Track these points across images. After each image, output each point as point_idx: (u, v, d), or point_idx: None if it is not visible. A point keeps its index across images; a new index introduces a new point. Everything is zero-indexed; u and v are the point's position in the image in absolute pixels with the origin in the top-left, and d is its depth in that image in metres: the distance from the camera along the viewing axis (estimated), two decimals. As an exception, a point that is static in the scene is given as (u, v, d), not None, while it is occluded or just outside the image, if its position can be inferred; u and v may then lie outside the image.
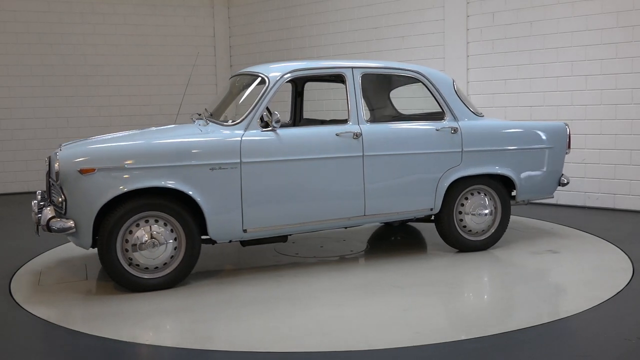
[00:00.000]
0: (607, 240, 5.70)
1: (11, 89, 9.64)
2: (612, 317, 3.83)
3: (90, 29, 10.08)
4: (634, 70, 6.86)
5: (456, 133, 5.21)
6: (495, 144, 5.37)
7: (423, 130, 5.20)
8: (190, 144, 4.51)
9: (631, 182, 7.03)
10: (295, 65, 4.97)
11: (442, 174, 5.19)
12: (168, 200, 4.45)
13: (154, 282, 4.47)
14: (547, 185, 5.65)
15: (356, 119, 4.97)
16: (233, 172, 4.54)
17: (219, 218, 4.54)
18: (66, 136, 9.90)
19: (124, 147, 4.45)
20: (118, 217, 4.33)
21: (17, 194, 9.57)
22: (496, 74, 7.85)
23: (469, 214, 5.35)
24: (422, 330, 3.65)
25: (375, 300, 4.22)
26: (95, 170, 4.29)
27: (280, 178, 4.69)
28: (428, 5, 8.37)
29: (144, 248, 4.40)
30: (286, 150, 4.69)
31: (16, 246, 6.13)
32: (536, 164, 5.54)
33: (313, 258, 5.36)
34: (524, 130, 5.55)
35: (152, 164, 4.37)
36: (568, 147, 5.70)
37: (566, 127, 5.71)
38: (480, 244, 5.41)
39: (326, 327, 3.73)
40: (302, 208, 4.79)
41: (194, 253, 4.54)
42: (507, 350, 3.36)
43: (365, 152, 4.94)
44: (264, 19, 10.40)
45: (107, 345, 3.57)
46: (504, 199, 5.43)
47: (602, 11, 7.00)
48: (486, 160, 5.33)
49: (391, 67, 5.34)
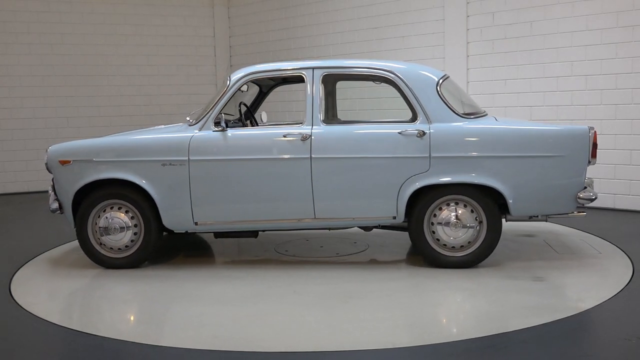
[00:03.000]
0: (607, 240, 5.70)
1: (11, 89, 9.64)
2: (612, 317, 3.83)
3: (90, 29, 10.08)
4: (634, 70, 6.86)
5: (423, 137, 4.77)
6: (471, 150, 4.75)
7: (382, 134, 4.86)
8: (145, 142, 5.04)
9: (631, 182, 7.03)
10: (255, 67, 5.11)
11: (405, 181, 4.78)
12: (129, 191, 5.02)
13: (118, 262, 5.11)
14: (557, 200, 4.80)
15: (310, 121, 4.89)
16: (182, 168, 4.93)
17: (170, 209, 5.00)
18: (66, 136, 9.90)
19: (93, 144, 5.17)
20: (89, 202, 5.08)
21: (17, 194, 9.58)
22: (496, 74, 7.85)
23: (442, 226, 4.84)
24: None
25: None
26: (71, 162, 5.07)
27: (226, 176, 4.92)
28: (428, 5, 8.37)
29: (110, 232, 5.05)
30: (231, 150, 4.92)
31: (16, 246, 6.14)
32: (538, 174, 4.75)
33: (293, 257, 5.37)
34: (519, 136, 4.79)
35: (113, 159, 5.02)
36: (592, 156, 4.76)
37: (589, 132, 4.73)
38: (459, 260, 4.86)
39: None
40: (250, 206, 4.95)
41: (150, 239, 5.05)
42: (507, 350, 3.36)
43: (314, 155, 4.82)
44: (264, 19, 10.40)
45: (107, 345, 3.57)
46: (490, 212, 4.80)
47: (602, 11, 7.00)
48: (461, 168, 4.74)
49: (358, 67, 5.07)
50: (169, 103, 10.57)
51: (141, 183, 4.97)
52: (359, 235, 6.01)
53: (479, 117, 5.04)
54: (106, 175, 5.01)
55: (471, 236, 4.84)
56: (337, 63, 5.08)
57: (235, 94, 5.07)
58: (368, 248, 5.64)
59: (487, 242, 4.85)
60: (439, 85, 4.92)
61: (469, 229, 4.83)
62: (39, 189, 9.78)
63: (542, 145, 4.75)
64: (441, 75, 5.06)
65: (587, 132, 4.73)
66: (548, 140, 4.76)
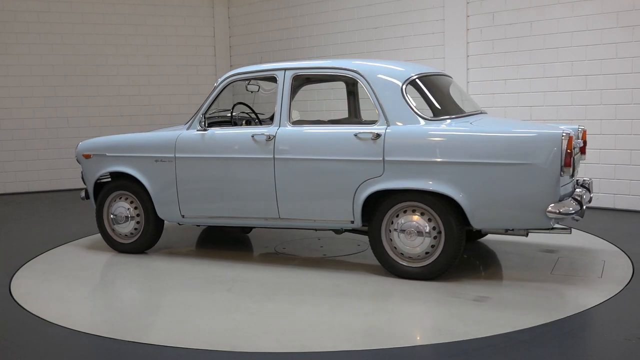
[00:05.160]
0: (607, 240, 5.70)
1: (11, 89, 9.64)
2: (612, 317, 3.83)
3: (90, 29, 10.08)
4: (634, 70, 6.86)
5: (377, 140, 4.52)
6: (427, 155, 4.38)
7: (339, 135, 4.71)
8: (143, 139, 5.51)
9: (631, 182, 7.03)
10: (237, 70, 5.29)
11: (360, 185, 4.58)
12: (133, 184, 5.52)
13: (126, 247, 5.65)
14: (523, 213, 4.26)
15: (278, 121, 4.93)
16: (170, 164, 5.31)
17: (161, 201, 5.40)
18: (66, 136, 9.93)
19: (108, 140, 5.74)
20: (104, 192, 5.70)
21: (17, 194, 9.58)
22: (496, 74, 7.84)
23: (398, 234, 4.56)
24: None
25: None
26: (91, 156, 5.71)
27: (202, 174, 5.19)
28: (428, 5, 8.37)
29: (119, 221, 5.61)
30: (205, 149, 5.16)
31: (16, 246, 6.14)
32: (501, 184, 4.23)
33: (280, 255, 5.38)
34: (480, 141, 4.30)
35: (119, 154, 5.56)
36: (566, 165, 4.11)
37: (561, 138, 4.09)
38: (416, 272, 4.53)
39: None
40: (223, 204, 5.15)
41: (150, 229, 5.52)
42: (507, 350, 3.36)
43: (276, 155, 4.85)
44: (264, 19, 10.40)
45: (107, 345, 3.57)
46: (448, 222, 4.41)
47: (602, 11, 7.00)
48: (416, 174, 4.40)
49: (326, 67, 5.01)
50: (169, 103, 10.57)
51: (139, 177, 5.43)
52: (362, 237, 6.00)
53: (456, 118, 4.69)
54: (113, 169, 5.58)
55: (428, 246, 4.49)
56: (306, 64, 5.06)
57: (237, 95, 5.22)
58: (368, 249, 5.64)
59: (447, 254, 4.43)
60: (405, 85, 4.62)
61: (425, 239, 4.47)
62: (39, 189, 9.79)
63: (506, 151, 4.21)
64: (411, 74, 4.74)
65: (559, 138, 4.09)
66: (513, 146, 4.21)
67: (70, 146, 9.95)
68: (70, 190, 9.80)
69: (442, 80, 5.19)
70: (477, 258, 5.26)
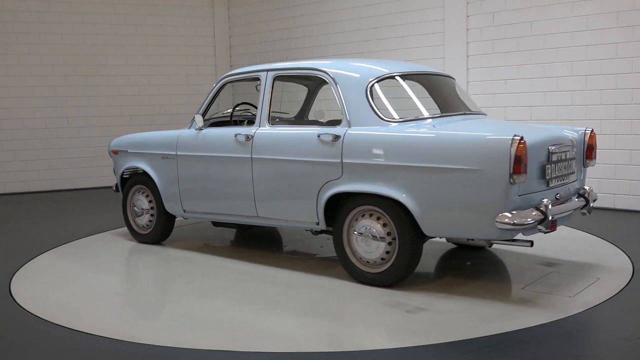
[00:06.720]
0: (607, 240, 5.70)
1: (11, 89, 9.65)
2: (612, 317, 3.83)
3: (90, 29, 10.08)
4: (634, 70, 6.86)
5: (336, 141, 4.46)
6: (380, 158, 4.25)
7: (303, 136, 4.70)
8: (154, 138, 5.84)
9: (631, 182, 7.03)
10: (231, 72, 5.46)
11: (321, 187, 4.54)
12: (148, 179, 5.84)
13: (143, 239, 6.00)
14: (472, 223, 4.02)
15: (259, 121, 5.02)
16: (173, 161, 5.58)
17: (167, 196, 5.70)
18: (66, 136, 9.94)
19: (130, 137, 6.13)
20: (128, 185, 6.12)
21: (17, 194, 9.58)
22: (496, 74, 7.85)
23: (356, 237, 4.46)
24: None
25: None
26: (118, 152, 6.13)
27: (197, 170, 5.41)
28: (428, 5, 8.37)
29: (138, 214, 6.00)
30: (200, 147, 5.37)
31: (16, 246, 6.14)
32: (448, 190, 4.01)
33: (275, 254, 5.38)
34: (429, 144, 4.10)
35: (136, 150, 5.93)
36: (516, 172, 3.78)
37: (510, 143, 3.78)
38: (374, 277, 4.40)
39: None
40: (214, 200, 5.33)
41: (160, 221, 5.85)
42: (507, 350, 3.36)
43: (254, 155, 4.95)
44: (264, 19, 10.40)
45: (106, 344, 3.57)
46: (401, 227, 4.23)
47: (602, 11, 7.00)
48: (370, 177, 4.29)
49: (300, 68, 5.04)
50: (169, 103, 10.58)
51: (150, 172, 5.77)
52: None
53: (439, 117, 4.56)
54: (132, 165, 5.97)
55: (383, 252, 4.34)
56: (285, 65, 5.13)
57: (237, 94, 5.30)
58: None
59: (402, 260, 4.25)
60: (370, 85, 4.50)
61: (380, 243, 4.33)
62: (39, 189, 9.79)
63: (454, 156, 3.97)
64: (380, 74, 4.60)
65: (508, 144, 3.79)
66: (461, 150, 3.96)
67: (70, 146, 9.98)
68: (70, 190, 9.82)
69: (435, 80, 5.08)
70: (470, 267, 5.25)
